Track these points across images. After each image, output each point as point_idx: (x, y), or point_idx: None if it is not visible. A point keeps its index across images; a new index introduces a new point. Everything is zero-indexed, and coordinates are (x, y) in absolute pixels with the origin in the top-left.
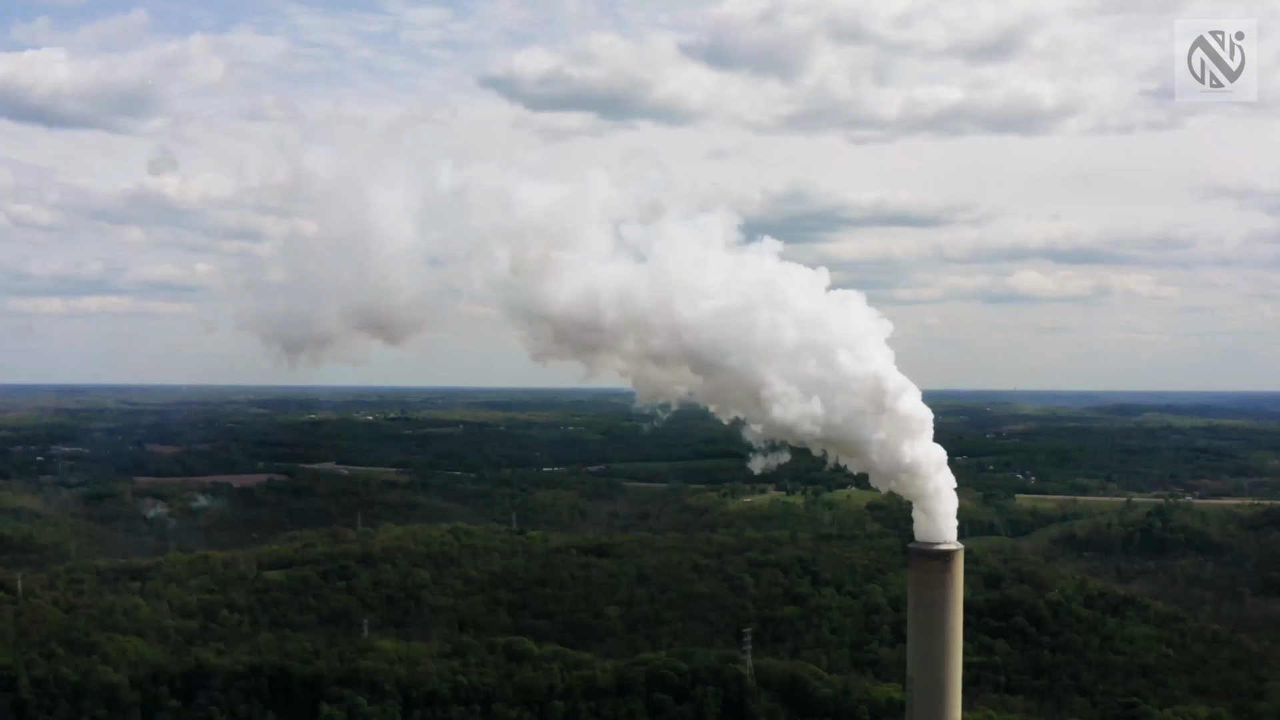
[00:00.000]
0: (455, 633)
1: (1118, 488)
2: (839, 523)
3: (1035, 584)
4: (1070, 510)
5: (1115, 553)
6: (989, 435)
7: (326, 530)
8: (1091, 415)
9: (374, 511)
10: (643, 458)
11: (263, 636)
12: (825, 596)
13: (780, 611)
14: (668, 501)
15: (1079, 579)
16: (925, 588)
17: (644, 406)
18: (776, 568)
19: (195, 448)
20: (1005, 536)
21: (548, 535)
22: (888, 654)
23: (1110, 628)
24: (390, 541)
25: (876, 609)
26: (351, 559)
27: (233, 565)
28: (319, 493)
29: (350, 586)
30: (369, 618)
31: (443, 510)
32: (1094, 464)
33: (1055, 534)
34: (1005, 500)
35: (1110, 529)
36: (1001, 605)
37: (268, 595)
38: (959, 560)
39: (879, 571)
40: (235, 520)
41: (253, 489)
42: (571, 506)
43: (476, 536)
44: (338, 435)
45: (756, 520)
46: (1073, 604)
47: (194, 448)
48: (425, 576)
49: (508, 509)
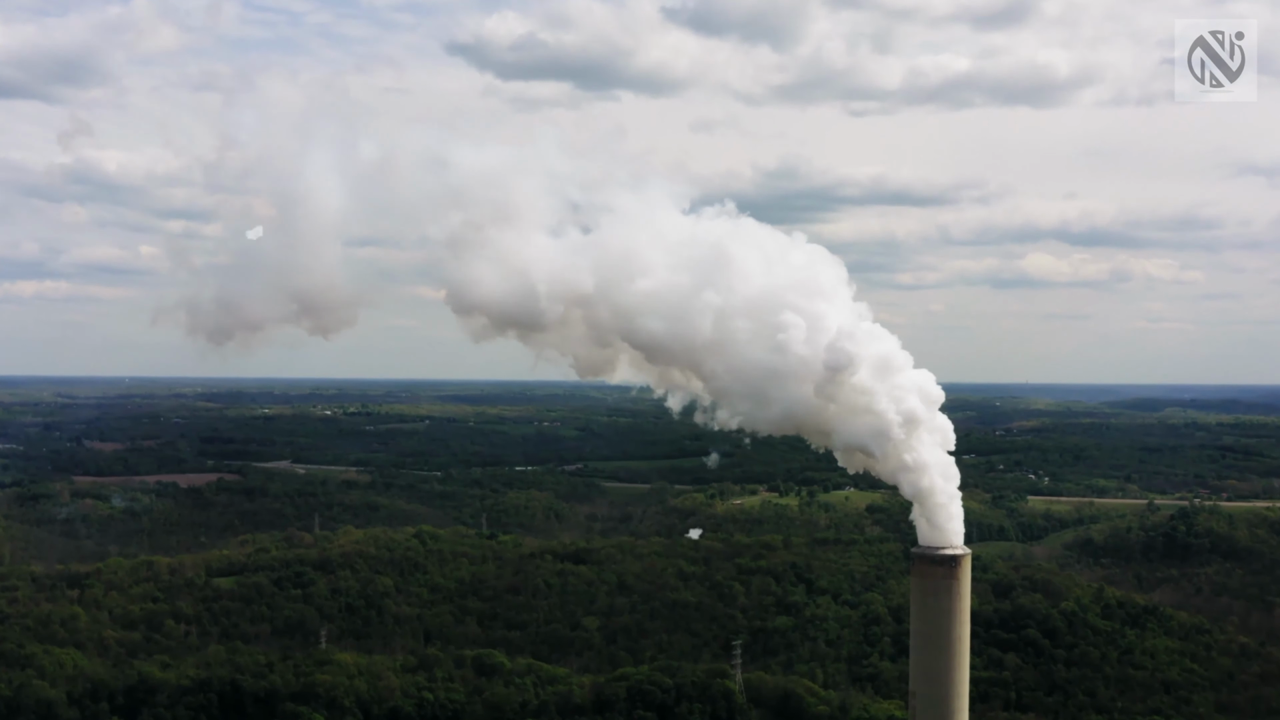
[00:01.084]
0: (420, 645)
1: (1138, 489)
2: (836, 526)
3: (1048, 593)
4: (1086, 513)
5: (1135, 559)
6: (998, 432)
7: (281, 534)
8: (1109, 410)
9: (332, 514)
10: (623, 456)
11: (212, 649)
12: (821, 606)
13: (772, 622)
14: (650, 503)
15: (1095, 587)
16: (929, 596)
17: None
18: (768, 575)
19: (139, 444)
20: (1016, 541)
21: (520, 540)
22: (888, 668)
23: (1130, 640)
24: (350, 546)
25: (876, 619)
26: (308, 565)
27: (179, 571)
28: (273, 493)
29: (306, 595)
30: (327, 628)
31: (407, 512)
32: (1112, 463)
33: (1070, 539)
34: (1016, 502)
35: (1130, 533)
36: (1012, 615)
37: (217, 604)
38: (966, 567)
39: (879, 579)
40: (182, 523)
41: (201, 489)
42: (546, 508)
43: (443, 541)
44: (293, 431)
45: (747, 523)
46: (1089, 614)
47: (137, 444)
48: (388, 584)
49: (477, 511)
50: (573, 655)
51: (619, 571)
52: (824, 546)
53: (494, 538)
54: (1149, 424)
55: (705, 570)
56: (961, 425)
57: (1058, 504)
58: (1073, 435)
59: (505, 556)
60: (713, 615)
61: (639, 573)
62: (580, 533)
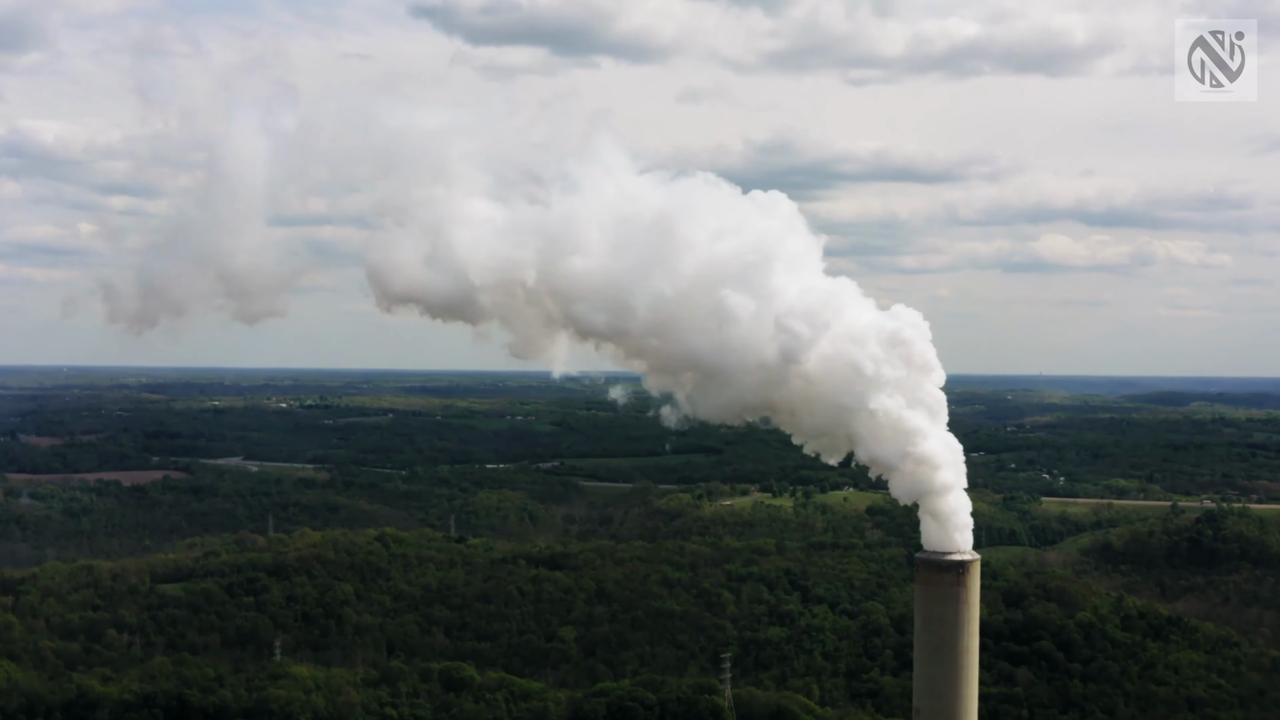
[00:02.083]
0: (383, 657)
1: (1160, 490)
2: (834, 529)
3: (1063, 602)
4: (1105, 516)
5: (1157, 566)
6: (1009, 428)
7: (232, 536)
8: (1129, 404)
9: (288, 515)
10: (603, 453)
11: (157, 660)
12: (817, 615)
13: (764, 633)
14: (633, 504)
15: (1115, 596)
16: (935, 605)
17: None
18: (760, 582)
19: (78, 439)
20: (1029, 546)
21: (491, 543)
22: (890, 683)
23: (1152, 654)
24: (307, 550)
25: (877, 630)
26: (261, 570)
27: (122, 577)
28: (223, 493)
29: (259, 602)
30: (281, 639)
31: (369, 513)
32: (1132, 462)
33: (1087, 544)
34: (1029, 504)
35: (1152, 538)
36: (1024, 626)
37: (163, 612)
38: (974, 573)
39: (880, 586)
40: (125, 524)
41: (146, 488)
42: (519, 510)
43: (408, 544)
44: (246, 425)
45: (737, 526)
46: (1108, 625)
47: (77, 439)
48: (348, 591)
49: (445, 512)
50: (548, 669)
51: (598, 578)
52: (821, 551)
53: (463, 541)
54: (1173, 419)
55: (692, 577)
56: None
57: (1074, 506)
58: (1090, 431)
59: (475, 561)
60: (700, 625)
61: (620, 579)
62: (556, 536)
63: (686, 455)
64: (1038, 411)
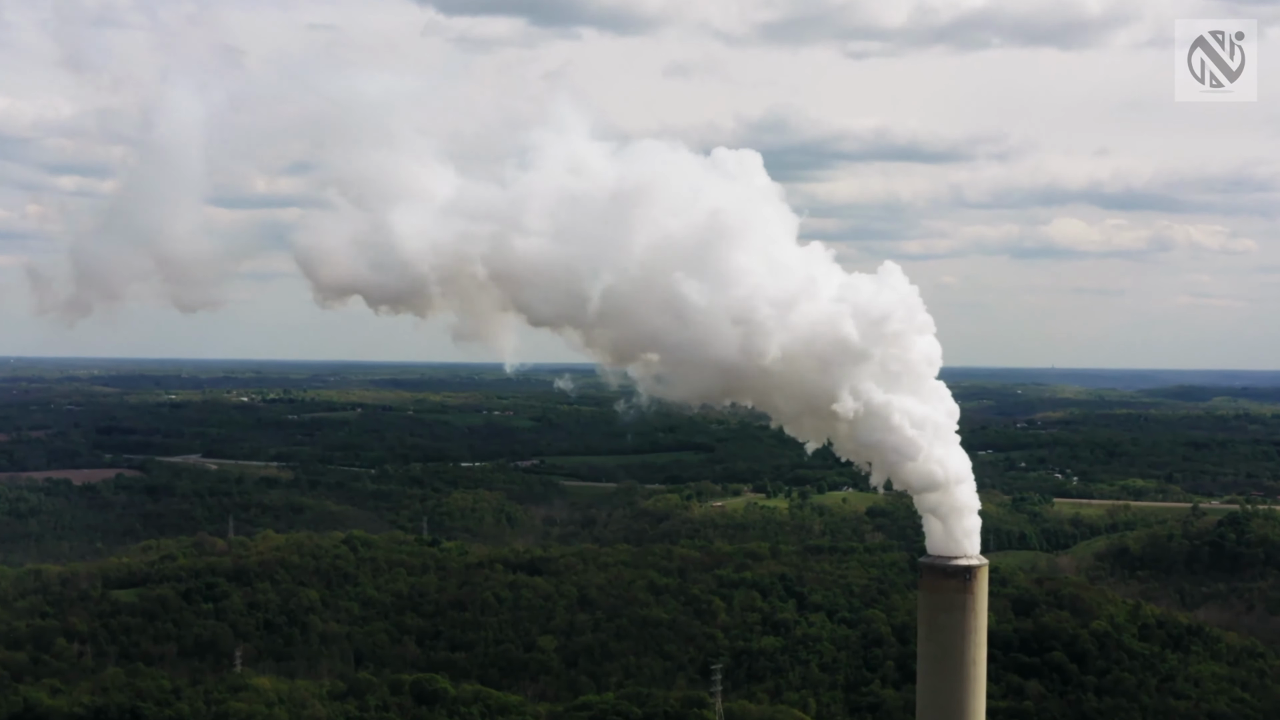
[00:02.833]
0: (350, 668)
1: (1180, 490)
2: (832, 532)
3: (1077, 610)
4: (1121, 518)
5: (1177, 571)
6: (1019, 424)
7: (189, 539)
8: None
9: (249, 516)
10: (586, 450)
11: (109, 671)
12: (814, 624)
13: (757, 643)
14: (617, 505)
15: (1131, 604)
16: (940, 613)
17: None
18: (753, 588)
19: (25, 435)
20: (1039, 550)
21: (466, 547)
22: (892, 696)
23: (1171, 665)
24: (269, 553)
25: (878, 640)
26: (221, 575)
27: (72, 582)
28: (180, 492)
29: (219, 609)
30: (242, 648)
31: (335, 515)
32: (1151, 461)
33: (1102, 548)
34: (1040, 505)
35: (1171, 542)
36: (1035, 636)
37: (115, 620)
38: (982, 579)
39: (881, 593)
40: (75, 526)
41: (97, 487)
42: (497, 511)
43: (377, 548)
44: (204, 420)
45: (729, 529)
46: (1124, 635)
47: (24, 435)
48: (313, 597)
49: (417, 514)
50: (527, 680)
51: (580, 584)
52: (818, 555)
53: (436, 544)
54: (1194, 415)
55: (680, 583)
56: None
57: (1088, 507)
58: (1105, 428)
59: (449, 566)
60: (689, 635)
61: (603, 585)
62: (536, 539)
63: (675, 453)
64: (1049, 407)
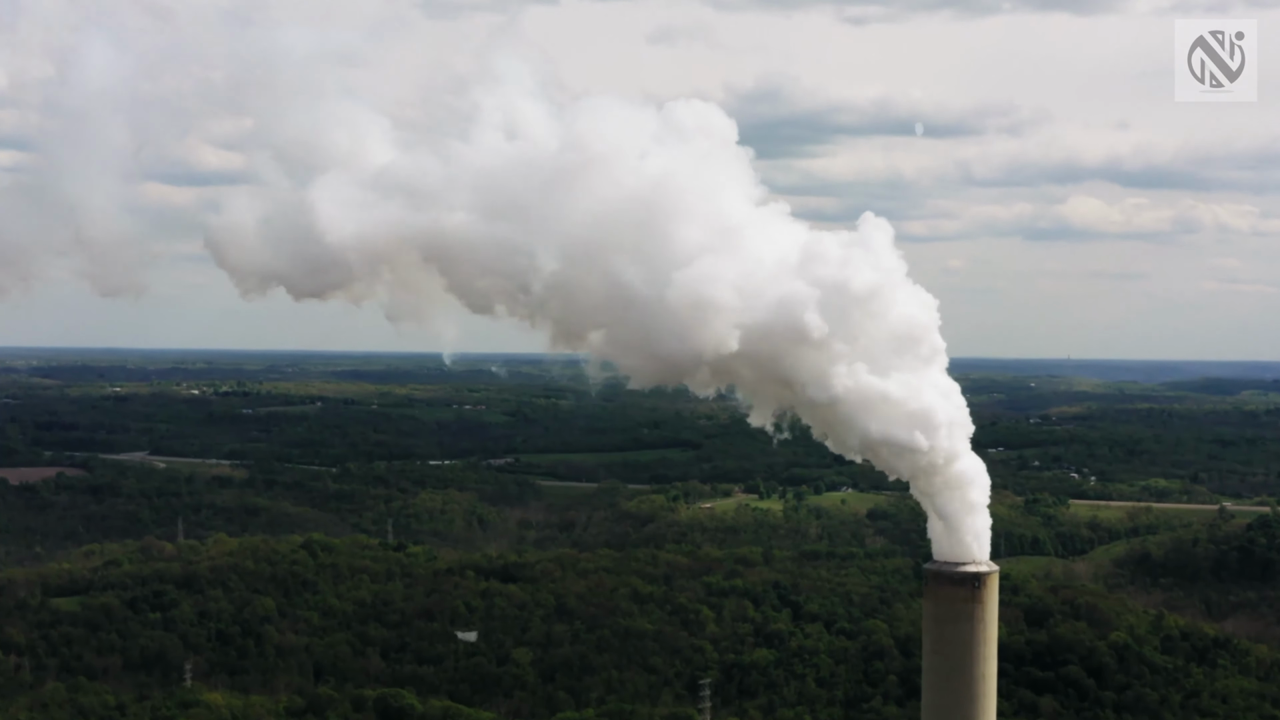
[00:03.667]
0: (309, 682)
1: (1206, 491)
2: (829, 536)
3: (1094, 621)
4: (1142, 521)
5: (1203, 579)
6: (1032, 420)
7: (136, 543)
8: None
9: (200, 518)
10: (564, 447)
11: (49, 686)
12: (810, 635)
13: (749, 656)
14: (598, 506)
15: (1154, 614)
16: (946, 624)
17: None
18: (745, 597)
19: None
20: (1054, 556)
21: (435, 552)
22: (894, 714)
23: (1196, 680)
24: (222, 559)
25: (880, 652)
26: (169, 582)
27: (9, 590)
28: (126, 492)
29: (167, 619)
30: (193, 661)
31: (293, 517)
32: (1174, 460)
33: (1122, 553)
34: (1054, 507)
35: (1196, 547)
36: (1049, 649)
37: (56, 630)
38: (992, 587)
39: (883, 602)
40: (12, 529)
41: (36, 487)
42: (468, 513)
43: (339, 553)
44: (151, 415)
45: (718, 532)
46: (1145, 648)
47: None
48: (269, 606)
49: (382, 516)
50: (500, 696)
51: (558, 592)
52: (814, 561)
53: (402, 549)
54: (1221, 410)
55: (666, 591)
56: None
57: (1106, 510)
58: (1126, 424)
59: (416, 573)
60: (675, 647)
61: (583, 593)
62: (510, 543)
63: (660, 450)
64: (1065, 401)
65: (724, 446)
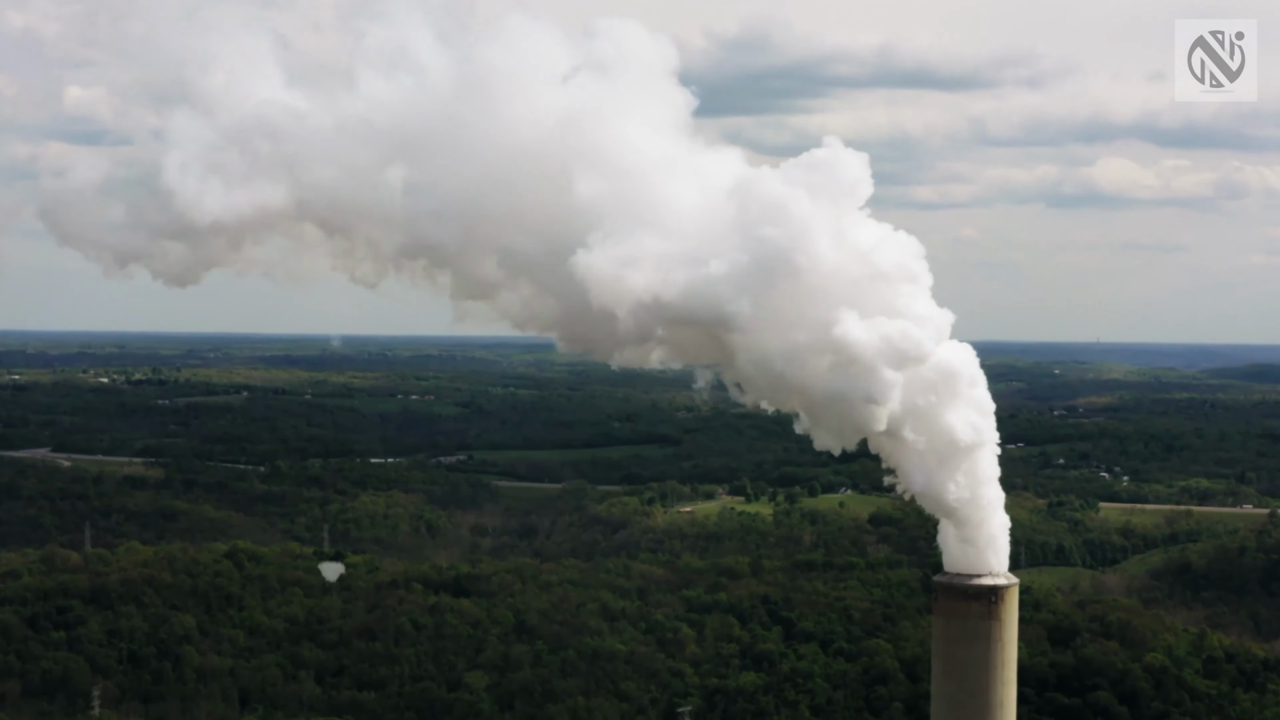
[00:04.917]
0: (234, 710)
1: (1254, 493)
2: (826, 544)
3: (1127, 640)
4: (1181, 527)
5: (1251, 593)
6: (1056, 412)
7: (36, 552)
8: (1214, 381)
9: (110, 523)
10: (524, 443)
11: None
12: (804, 657)
13: (735, 680)
14: (562, 510)
15: (1195, 633)
16: (959, 644)
17: None
18: (729, 613)
19: None
20: (1082, 567)
21: (377, 562)
22: None
23: (1243, 707)
24: (135, 570)
25: (883, 676)
26: (75, 596)
27: None
28: (25, 494)
29: (72, 638)
30: (102, 686)
31: (216, 522)
32: (1218, 457)
33: (1158, 563)
34: (1082, 511)
35: (1243, 556)
36: (1075, 672)
37: None
38: (1011, 602)
39: (887, 619)
40: None
41: None
42: (414, 518)
43: (268, 563)
44: (54, 406)
45: (699, 540)
46: (1185, 671)
47: None
48: (188, 624)
49: (316, 521)
50: None
51: (517, 608)
52: (809, 573)
53: (340, 559)
54: (1271, 401)
55: (640, 606)
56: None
57: (1140, 514)
58: (1162, 416)
59: (356, 586)
60: (650, 670)
61: (546, 610)
62: (463, 552)
63: (633, 446)
64: (1094, 390)
65: (706, 442)
